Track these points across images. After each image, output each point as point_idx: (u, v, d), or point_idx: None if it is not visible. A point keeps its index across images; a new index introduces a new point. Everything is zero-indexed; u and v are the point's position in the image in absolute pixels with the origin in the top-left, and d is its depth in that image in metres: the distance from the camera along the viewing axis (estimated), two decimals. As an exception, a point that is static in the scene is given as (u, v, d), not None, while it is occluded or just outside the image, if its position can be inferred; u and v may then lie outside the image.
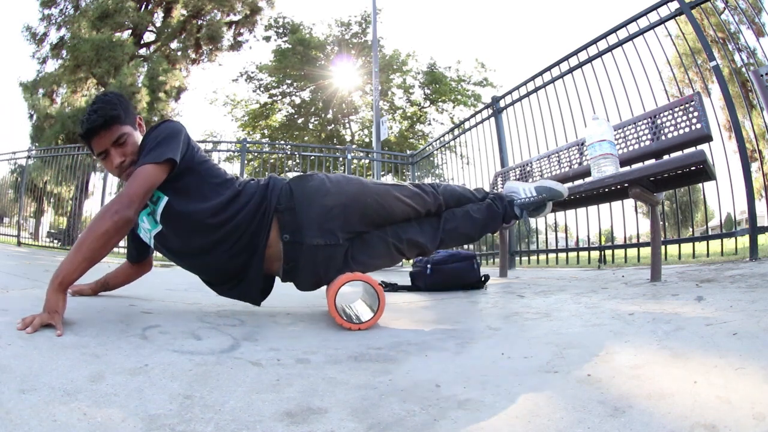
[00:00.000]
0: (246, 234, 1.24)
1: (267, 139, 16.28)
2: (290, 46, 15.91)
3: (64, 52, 12.37)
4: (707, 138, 2.00)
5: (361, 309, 1.41)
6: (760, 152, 3.27)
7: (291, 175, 1.54)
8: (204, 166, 1.28)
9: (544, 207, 1.70)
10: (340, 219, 1.29)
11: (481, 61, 16.06)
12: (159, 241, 1.30)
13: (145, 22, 13.33)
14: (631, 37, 3.07)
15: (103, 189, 6.71)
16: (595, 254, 3.60)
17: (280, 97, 16.87)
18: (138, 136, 1.27)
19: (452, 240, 1.58)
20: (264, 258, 1.26)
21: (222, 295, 1.39)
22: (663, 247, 2.79)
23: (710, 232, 3.32)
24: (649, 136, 2.22)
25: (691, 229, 3.72)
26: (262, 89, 16.61)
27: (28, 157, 7.93)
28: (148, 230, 1.30)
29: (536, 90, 3.96)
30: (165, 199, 1.22)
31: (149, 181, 1.14)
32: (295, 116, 17.11)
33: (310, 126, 17.32)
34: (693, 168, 1.76)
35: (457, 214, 1.58)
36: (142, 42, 13.78)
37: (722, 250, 2.75)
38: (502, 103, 4.46)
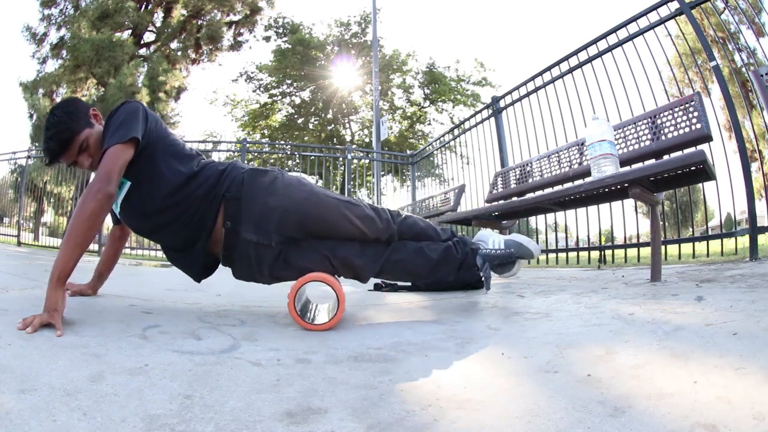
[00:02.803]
0: (195, 216, 1.30)
1: (267, 139, 16.29)
2: (290, 46, 15.91)
3: (64, 52, 12.38)
4: (707, 138, 2.00)
5: (322, 310, 1.40)
6: (760, 152, 3.27)
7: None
8: (165, 141, 1.34)
9: (512, 265, 1.55)
10: (277, 221, 1.30)
11: (480, 61, 16.11)
12: (122, 218, 1.40)
13: (145, 22, 13.33)
14: (631, 37, 3.07)
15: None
16: (595, 254, 3.60)
17: (280, 97, 16.88)
18: (97, 129, 1.32)
19: (394, 272, 1.47)
20: (209, 239, 1.33)
21: (170, 261, 1.44)
22: (663, 247, 2.79)
23: (710, 232, 3.32)
24: (649, 136, 2.22)
25: (691, 229, 3.72)
26: (262, 89, 16.62)
27: (28, 157, 7.92)
28: (114, 207, 1.40)
29: (536, 90, 3.96)
30: (128, 184, 1.28)
31: (119, 158, 1.20)
32: (295, 116, 17.11)
33: (310, 126, 17.32)
34: (693, 168, 1.75)
35: (409, 247, 1.47)
36: (142, 42, 13.79)
37: (722, 250, 2.75)
38: (502, 103, 4.46)
